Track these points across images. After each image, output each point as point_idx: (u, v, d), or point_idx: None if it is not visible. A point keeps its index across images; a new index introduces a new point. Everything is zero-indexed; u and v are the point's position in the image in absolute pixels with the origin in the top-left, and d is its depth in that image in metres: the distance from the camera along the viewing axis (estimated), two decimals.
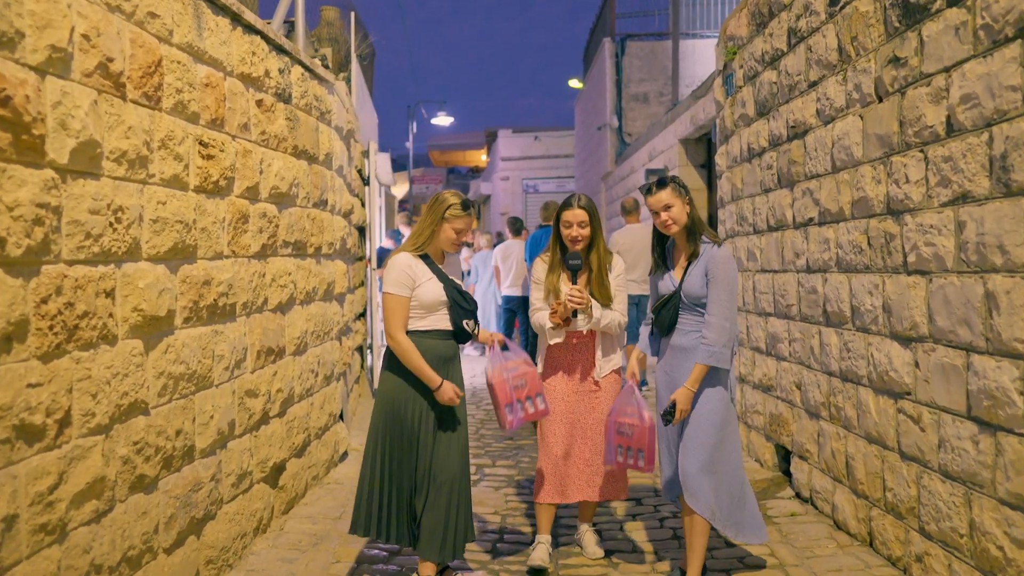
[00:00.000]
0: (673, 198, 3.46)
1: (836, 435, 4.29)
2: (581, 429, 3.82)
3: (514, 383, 3.58)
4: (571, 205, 3.77)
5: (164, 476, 3.19)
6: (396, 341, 3.45)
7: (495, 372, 3.57)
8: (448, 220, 3.53)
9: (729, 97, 6.13)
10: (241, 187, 3.92)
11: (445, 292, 3.52)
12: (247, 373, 4.00)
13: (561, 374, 3.85)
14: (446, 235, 3.55)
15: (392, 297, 3.47)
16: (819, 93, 4.44)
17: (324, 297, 5.35)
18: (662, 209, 3.48)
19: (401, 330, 3.46)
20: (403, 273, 3.47)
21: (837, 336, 4.27)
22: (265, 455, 4.21)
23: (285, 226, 4.54)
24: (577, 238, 3.74)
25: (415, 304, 3.48)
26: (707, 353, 3.37)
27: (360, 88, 9.12)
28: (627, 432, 3.55)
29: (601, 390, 3.84)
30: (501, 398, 3.55)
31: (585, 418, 3.82)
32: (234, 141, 3.86)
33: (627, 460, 3.58)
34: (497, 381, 3.56)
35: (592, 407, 3.83)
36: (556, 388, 3.84)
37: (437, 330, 3.52)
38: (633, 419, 3.54)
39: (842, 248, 4.18)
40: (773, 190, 5.21)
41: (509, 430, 3.61)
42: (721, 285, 3.39)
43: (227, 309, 3.75)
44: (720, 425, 3.44)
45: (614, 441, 3.61)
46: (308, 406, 4.95)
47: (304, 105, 4.89)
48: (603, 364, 3.84)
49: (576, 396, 3.83)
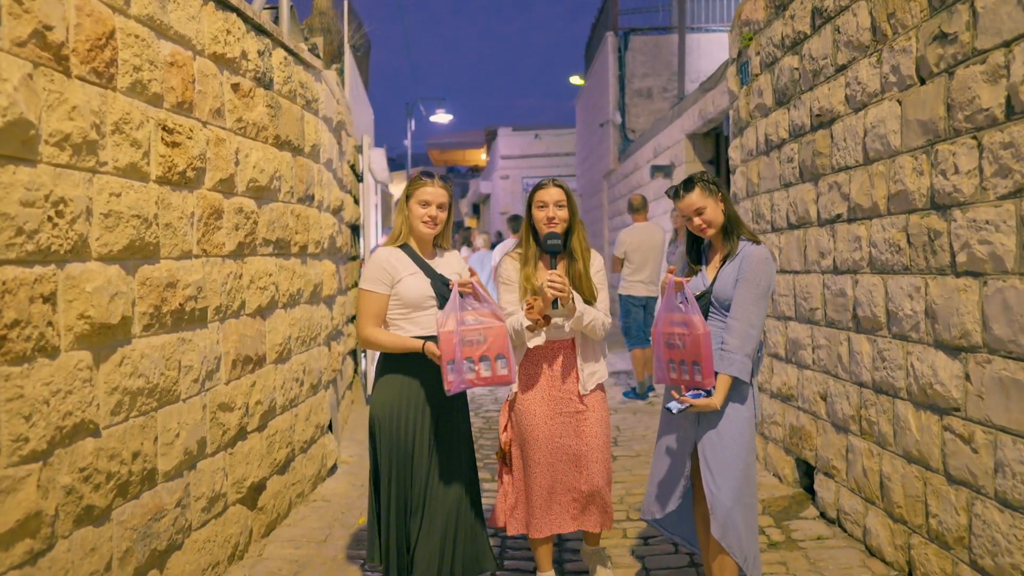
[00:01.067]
0: (704, 199, 3.06)
1: (868, 452, 3.91)
2: (566, 456, 3.32)
3: (467, 337, 2.94)
4: (545, 185, 3.36)
5: (119, 505, 2.81)
6: (366, 337, 3.11)
7: (445, 321, 2.94)
8: (412, 195, 3.17)
9: (744, 86, 5.75)
10: (213, 179, 3.55)
11: (432, 287, 3.13)
12: (220, 385, 3.62)
13: (538, 394, 3.35)
14: (414, 213, 3.16)
15: (364, 293, 3.11)
16: (848, 77, 4.06)
17: (310, 300, 4.97)
18: (694, 213, 3.08)
19: (371, 326, 3.11)
20: (379, 268, 3.10)
21: (870, 343, 3.89)
22: (242, 474, 3.83)
23: (265, 223, 4.16)
24: (554, 219, 3.29)
25: (397, 302, 3.11)
26: (729, 362, 2.98)
27: (354, 80, 8.74)
28: (677, 343, 3.02)
29: (588, 410, 3.34)
30: (444, 352, 2.88)
31: (571, 444, 3.32)
32: (205, 128, 3.48)
33: (680, 375, 3.03)
34: (442, 332, 2.90)
35: (578, 431, 3.33)
36: (535, 412, 3.34)
37: (426, 336, 3.14)
38: (682, 327, 3.00)
39: (876, 247, 3.80)
40: (794, 184, 4.84)
41: (449, 393, 2.92)
42: (750, 286, 3.01)
43: (196, 314, 3.37)
44: (748, 448, 3.06)
45: (664, 356, 3.08)
46: (292, 418, 4.57)
47: (287, 92, 4.51)
48: (587, 376, 3.34)
49: (560, 419, 3.33)
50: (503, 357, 2.96)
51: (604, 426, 3.37)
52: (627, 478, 5.30)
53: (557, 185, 3.35)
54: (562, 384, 3.35)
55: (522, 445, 3.37)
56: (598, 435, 3.34)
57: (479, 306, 3.01)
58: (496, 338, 2.96)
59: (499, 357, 2.95)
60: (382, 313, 3.12)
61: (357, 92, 9.20)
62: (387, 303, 3.11)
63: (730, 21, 13.91)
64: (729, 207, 3.11)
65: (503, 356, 2.96)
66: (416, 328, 3.12)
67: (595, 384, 3.38)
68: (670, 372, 3.06)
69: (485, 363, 2.93)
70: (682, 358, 3.01)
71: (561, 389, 3.35)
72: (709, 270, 3.20)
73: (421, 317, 3.14)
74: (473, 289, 3.02)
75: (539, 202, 3.33)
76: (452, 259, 3.34)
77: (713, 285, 3.13)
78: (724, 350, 3.00)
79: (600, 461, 3.32)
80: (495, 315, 3.01)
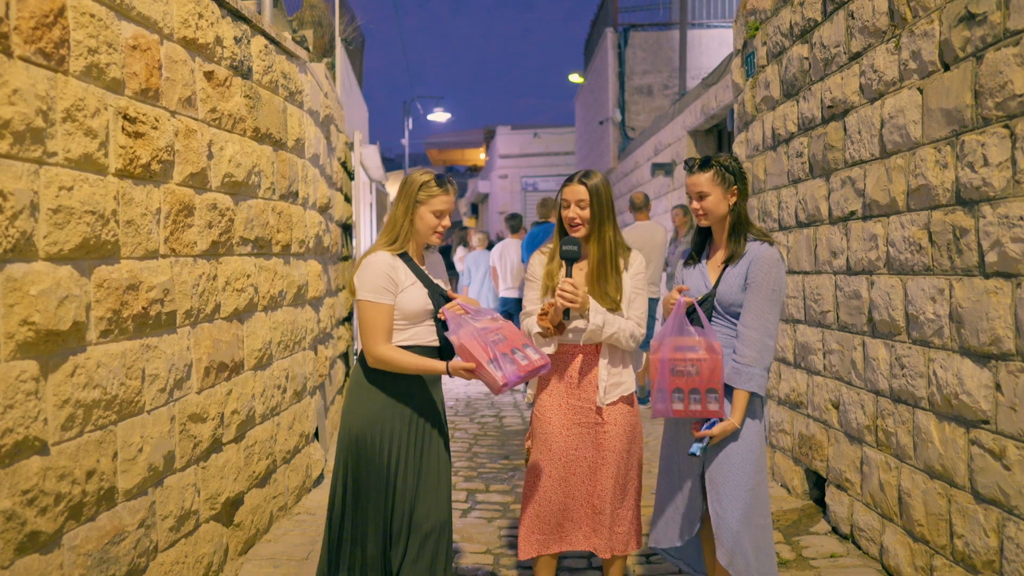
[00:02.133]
0: (712, 185, 2.82)
1: (885, 465, 3.66)
2: (581, 470, 3.06)
3: (491, 338, 2.74)
4: (571, 180, 3.06)
5: (71, 529, 2.56)
6: (382, 357, 2.81)
7: (462, 332, 2.73)
8: (423, 202, 2.89)
9: (750, 78, 5.50)
10: (183, 173, 3.30)
11: (431, 299, 2.89)
12: (192, 394, 3.37)
13: (555, 401, 3.09)
14: (425, 223, 2.89)
15: (372, 306, 2.83)
16: (863, 66, 3.82)
17: (294, 302, 4.72)
18: (696, 196, 2.87)
19: (386, 343, 2.83)
20: (384, 276, 2.83)
21: (887, 349, 3.65)
22: (216, 489, 3.58)
23: (243, 220, 3.91)
24: (575, 220, 3.01)
25: (396, 314, 2.86)
26: (747, 377, 2.73)
27: (346, 75, 8.50)
28: (688, 370, 2.70)
29: (607, 423, 3.05)
30: (480, 356, 2.67)
31: (587, 455, 3.06)
32: (174, 118, 3.23)
33: (689, 406, 2.70)
34: (466, 339, 2.69)
35: (596, 443, 3.06)
36: (550, 420, 3.09)
37: (419, 346, 2.89)
38: (696, 352, 2.68)
39: (894, 246, 3.55)
40: (803, 180, 4.59)
41: (504, 389, 2.70)
42: (763, 292, 2.76)
43: (163, 319, 3.12)
44: (758, 466, 2.82)
45: (668, 385, 2.73)
46: (273, 427, 4.32)
47: (268, 82, 4.26)
48: (608, 387, 3.03)
49: (576, 430, 3.06)
50: (528, 345, 2.83)
51: (627, 439, 3.07)
52: None
53: (581, 181, 3.02)
54: (583, 393, 3.07)
55: (541, 451, 3.13)
56: (615, 449, 3.05)
57: (478, 314, 2.85)
58: (512, 332, 2.83)
59: (526, 346, 2.81)
60: (392, 326, 2.85)
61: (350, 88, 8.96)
62: (393, 314, 2.86)
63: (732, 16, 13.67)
64: (741, 203, 2.86)
65: (529, 345, 2.83)
66: (409, 340, 2.87)
67: (617, 397, 3.06)
68: (674, 403, 2.74)
69: (519, 353, 2.77)
70: (694, 386, 2.73)
71: (581, 399, 3.07)
72: (711, 270, 2.95)
73: (416, 329, 2.89)
74: (463, 309, 2.87)
75: (563, 201, 3.06)
76: (437, 263, 3.10)
77: (717, 288, 2.88)
78: (740, 363, 2.75)
79: (614, 476, 3.04)
80: (495, 319, 2.86)
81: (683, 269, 3.05)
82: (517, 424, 7.16)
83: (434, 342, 2.91)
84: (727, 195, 2.85)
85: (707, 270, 2.95)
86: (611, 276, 3.01)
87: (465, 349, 2.73)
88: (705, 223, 2.91)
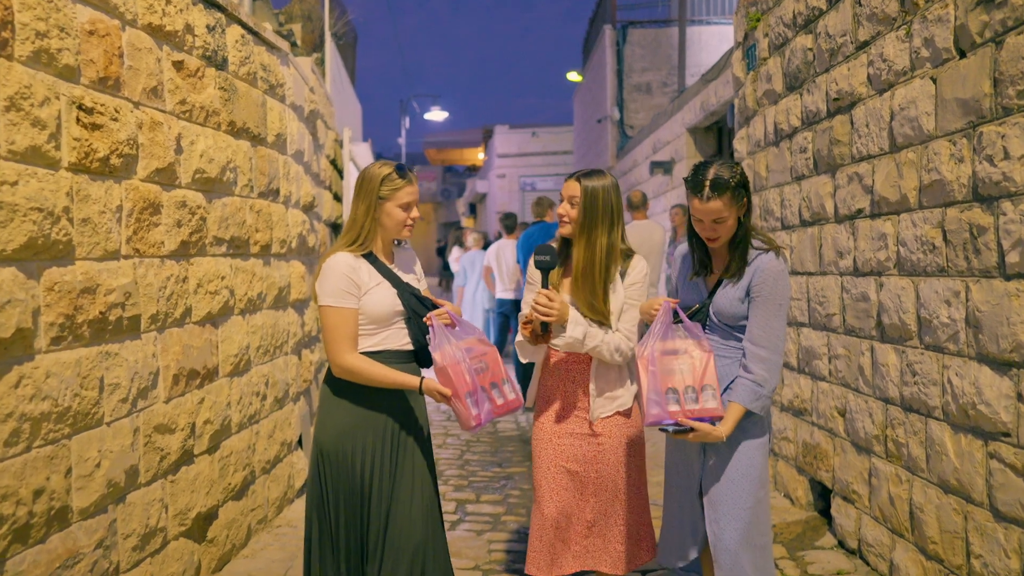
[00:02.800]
0: (729, 208, 2.53)
1: (895, 477, 3.46)
2: (581, 482, 2.86)
3: (474, 365, 2.57)
4: (571, 176, 2.86)
5: (16, 553, 2.36)
6: (347, 367, 2.61)
7: (446, 352, 2.55)
8: (388, 197, 2.68)
9: (751, 72, 5.30)
10: (148, 168, 3.09)
11: (400, 300, 2.69)
12: (158, 404, 3.17)
13: (551, 411, 2.91)
14: (393, 219, 2.69)
15: (333, 311, 2.62)
16: (872, 55, 3.61)
17: (275, 304, 4.52)
18: (712, 221, 2.56)
19: (351, 351, 2.63)
20: (344, 278, 2.63)
21: (897, 355, 3.44)
22: (186, 503, 3.38)
23: (217, 219, 3.70)
24: (563, 217, 2.80)
25: (362, 318, 2.66)
26: (753, 395, 2.52)
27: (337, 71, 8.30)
28: (681, 368, 2.48)
29: (601, 437, 2.84)
30: (459, 385, 2.50)
31: (586, 469, 2.86)
32: (138, 109, 3.03)
33: (686, 405, 2.47)
34: (451, 363, 2.54)
35: (592, 457, 2.86)
36: (544, 428, 2.91)
37: (390, 351, 2.69)
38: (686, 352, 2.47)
39: (905, 245, 3.35)
40: (807, 177, 4.38)
41: (476, 429, 2.55)
42: (770, 307, 2.55)
43: (125, 324, 2.92)
44: (759, 483, 2.61)
45: (661, 386, 2.47)
46: (252, 436, 4.12)
47: (245, 74, 4.05)
48: (600, 402, 2.82)
49: (569, 440, 2.87)
50: (507, 380, 2.68)
51: (623, 453, 2.86)
52: None
53: (579, 178, 2.81)
54: (575, 404, 2.88)
55: (535, 464, 2.94)
56: (610, 462, 2.84)
57: (462, 332, 2.66)
58: (495, 362, 2.68)
59: (504, 382, 2.66)
60: (356, 333, 2.65)
61: (341, 84, 8.76)
62: (357, 319, 2.66)
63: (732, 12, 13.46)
64: (749, 217, 2.62)
65: (507, 379, 2.68)
66: (378, 345, 2.67)
67: (611, 412, 2.84)
68: (670, 404, 2.49)
69: (496, 390, 2.62)
70: (689, 384, 2.52)
71: (578, 408, 2.88)
72: (709, 278, 2.73)
73: (385, 332, 2.69)
74: (451, 319, 2.68)
75: (561, 196, 2.86)
76: (408, 259, 2.89)
77: (712, 297, 2.66)
78: (749, 380, 2.54)
79: (611, 490, 2.84)
80: (481, 340, 2.69)
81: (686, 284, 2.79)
82: (511, 430, 6.95)
83: (407, 345, 2.71)
84: (739, 211, 2.61)
85: (703, 281, 2.73)
86: (598, 286, 2.77)
87: (446, 372, 2.54)
88: (717, 244, 2.65)
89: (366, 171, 2.72)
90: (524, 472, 5.51)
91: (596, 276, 2.76)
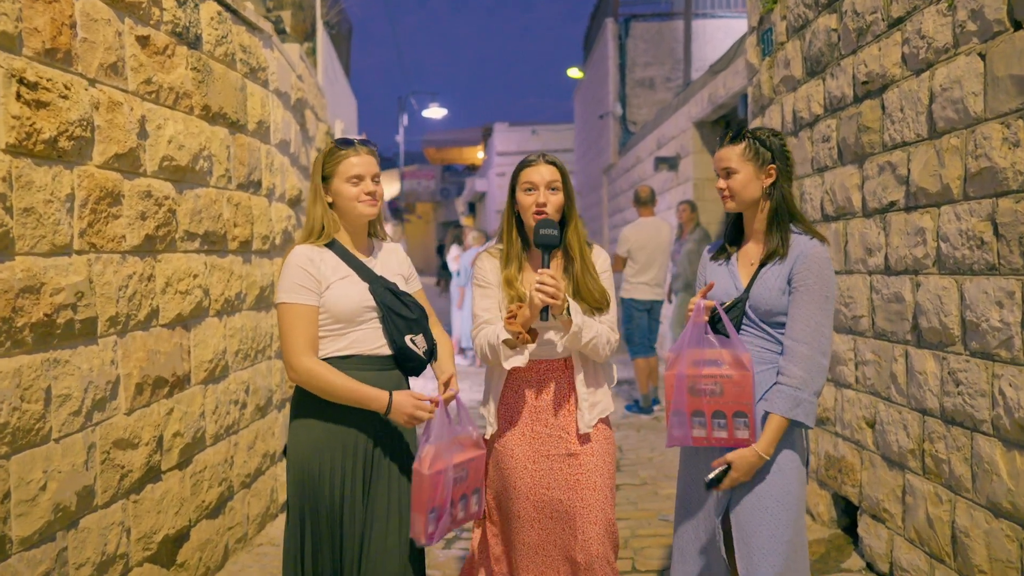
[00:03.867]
0: (741, 161, 2.33)
1: (934, 496, 3.14)
2: (556, 513, 2.51)
3: (456, 474, 2.29)
4: (533, 161, 2.55)
5: None
6: (303, 371, 2.30)
7: (434, 456, 2.25)
8: (333, 174, 2.38)
9: (767, 58, 4.98)
10: (106, 153, 2.77)
11: (372, 294, 2.36)
12: (119, 416, 2.85)
13: (520, 430, 2.55)
14: (343, 196, 2.38)
15: (287, 309, 2.32)
16: (907, 33, 3.29)
17: (257, 305, 4.19)
18: (721, 171, 2.37)
19: (307, 353, 2.31)
20: (299, 271, 2.31)
21: (936, 361, 3.12)
22: (152, 525, 3.06)
23: (188, 212, 3.38)
24: (544, 206, 2.48)
25: (326, 316, 2.34)
26: (792, 400, 2.21)
27: (329, 62, 7.97)
28: (710, 388, 2.22)
29: (582, 455, 2.51)
30: (429, 500, 2.24)
31: (562, 497, 2.50)
32: (94, 87, 2.70)
33: (712, 432, 2.22)
34: (433, 472, 2.23)
35: (571, 481, 2.50)
36: (514, 454, 2.54)
37: (362, 356, 2.37)
38: (720, 367, 2.20)
39: (947, 241, 3.03)
40: (830, 168, 4.06)
41: (426, 544, 2.29)
42: (814, 298, 2.24)
43: (77, 327, 2.59)
44: (798, 511, 2.29)
45: (687, 407, 2.24)
46: (229, 448, 3.80)
47: (222, 55, 3.73)
48: (588, 409, 2.52)
49: (547, 463, 2.52)
50: (479, 491, 2.44)
51: (606, 473, 2.55)
52: (632, 513, 4.51)
53: (549, 162, 2.53)
54: (553, 419, 2.54)
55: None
56: (598, 486, 2.51)
57: (460, 428, 2.36)
58: (476, 470, 2.41)
59: (475, 492, 2.41)
60: (315, 333, 2.34)
61: (334, 76, 8.43)
62: (316, 317, 2.34)
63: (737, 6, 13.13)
64: (783, 188, 2.34)
65: (480, 490, 2.44)
66: (347, 349, 2.36)
67: (597, 419, 2.55)
68: (695, 429, 2.21)
69: (463, 502, 2.35)
70: (717, 408, 2.19)
71: (551, 425, 2.54)
72: (742, 268, 2.43)
73: (355, 334, 2.37)
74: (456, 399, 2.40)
75: (526, 183, 2.52)
76: (392, 254, 2.57)
77: (750, 290, 2.36)
78: (785, 384, 2.23)
79: (600, 522, 2.49)
80: (475, 444, 2.39)
81: (709, 264, 2.52)
82: None
83: (382, 349, 2.39)
84: (760, 174, 2.33)
85: (737, 268, 2.42)
86: (594, 273, 2.55)
87: (423, 481, 2.23)
88: (732, 207, 2.39)
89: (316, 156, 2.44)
90: None
91: (589, 261, 2.56)
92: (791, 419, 2.21)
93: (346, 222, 2.41)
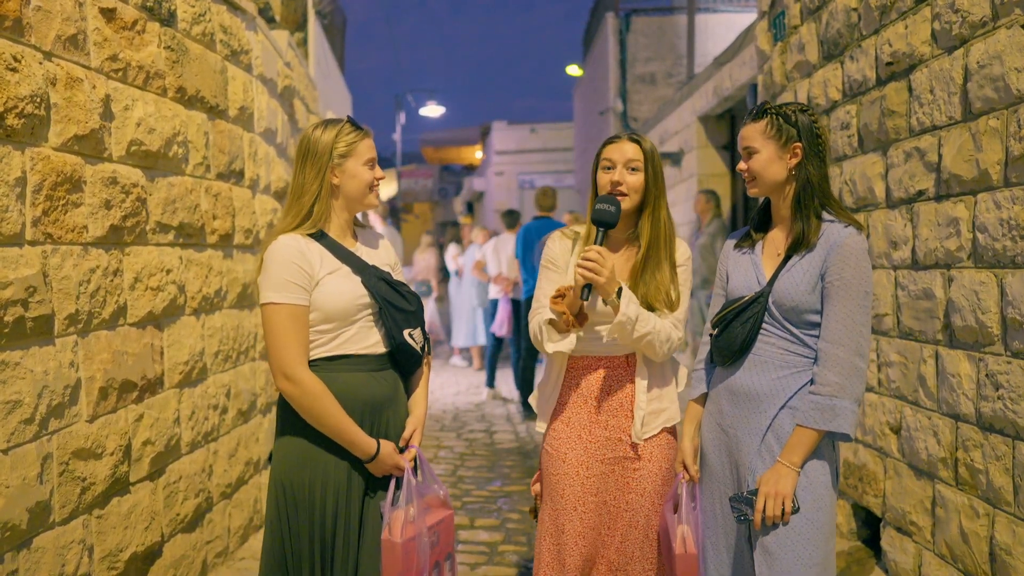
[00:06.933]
0: (762, 140, 2.08)
1: (970, 510, 2.89)
2: (611, 516, 2.32)
3: (429, 539, 2.08)
4: (616, 139, 2.31)
5: None
6: (293, 383, 2.05)
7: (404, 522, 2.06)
8: (349, 155, 2.13)
9: (779, 43, 4.73)
10: (64, 134, 2.52)
11: (367, 288, 2.12)
12: (80, 423, 2.59)
13: (574, 431, 2.34)
14: (359, 179, 2.14)
15: (276, 310, 2.06)
16: (938, 7, 3.05)
17: (239, 303, 3.94)
18: (743, 151, 2.12)
19: (300, 364, 2.06)
20: (290, 266, 2.06)
21: (971, 363, 2.87)
22: (118, 542, 2.80)
23: (161, 201, 3.13)
24: (620, 185, 2.25)
25: (315, 316, 2.09)
26: (826, 411, 1.96)
27: (322, 53, 7.73)
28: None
29: (641, 459, 2.31)
30: (405, 569, 2.05)
31: (617, 499, 2.32)
32: (49, 61, 2.45)
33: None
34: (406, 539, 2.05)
35: (622, 484, 2.31)
36: (566, 457, 2.33)
37: (356, 355, 2.13)
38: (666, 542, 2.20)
39: (986, 231, 2.78)
40: (851, 157, 3.82)
41: None
42: (851, 295, 1.99)
43: (29, 326, 2.34)
44: (828, 531, 2.04)
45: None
46: (208, 456, 3.54)
47: (199, 34, 3.48)
48: (648, 416, 2.30)
49: (599, 469, 2.31)
50: (451, 556, 2.26)
51: (659, 481, 2.33)
52: None
53: (633, 140, 2.30)
54: (610, 419, 2.32)
55: (550, 501, 2.37)
56: (647, 492, 2.30)
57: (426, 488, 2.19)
58: (447, 531, 2.25)
59: (448, 557, 2.24)
60: (307, 338, 2.10)
61: (327, 67, 8.19)
62: (307, 319, 2.09)
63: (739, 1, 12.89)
64: (810, 169, 2.08)
65: (451, 555, 2.26)
66: (337, 349, 2.11)
67: (659, 428, 2.32)
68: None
69: (437, 570, 2.20)
70: None
71: (610, 427, 2.32)
72: (766, 259, 2.18)
73: (349, 332, 2.13)
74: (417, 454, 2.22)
75: (605, 161, 2.30)
76: (377, 240, 2.33)
77: (774, 283, 2.11)
78: (818, 394, 1.98)
79: (642, 527, 2.29)
80: (443, 498, 2.22)
81: (732, 253, 2.27)
82: (510, 441, 6.38)
83: (377, 347, 2.15)
84: (784, 154, 2.08)
85: (761, 259, 2.17)
86: (665, 267, 2.28)
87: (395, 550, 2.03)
88: (755, 191, 2.14)
89: (308, 133, 2.16)
90: (523, 491, 4.94)
91: (664, 254, 2.29)
92: (827, 430, 1.96)
93: (342, 209, 2.17)
